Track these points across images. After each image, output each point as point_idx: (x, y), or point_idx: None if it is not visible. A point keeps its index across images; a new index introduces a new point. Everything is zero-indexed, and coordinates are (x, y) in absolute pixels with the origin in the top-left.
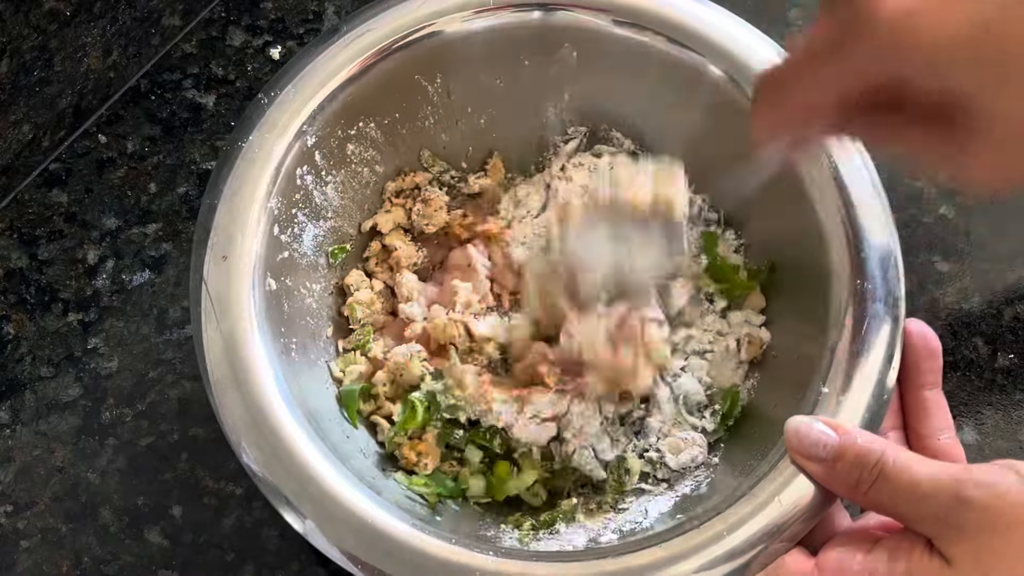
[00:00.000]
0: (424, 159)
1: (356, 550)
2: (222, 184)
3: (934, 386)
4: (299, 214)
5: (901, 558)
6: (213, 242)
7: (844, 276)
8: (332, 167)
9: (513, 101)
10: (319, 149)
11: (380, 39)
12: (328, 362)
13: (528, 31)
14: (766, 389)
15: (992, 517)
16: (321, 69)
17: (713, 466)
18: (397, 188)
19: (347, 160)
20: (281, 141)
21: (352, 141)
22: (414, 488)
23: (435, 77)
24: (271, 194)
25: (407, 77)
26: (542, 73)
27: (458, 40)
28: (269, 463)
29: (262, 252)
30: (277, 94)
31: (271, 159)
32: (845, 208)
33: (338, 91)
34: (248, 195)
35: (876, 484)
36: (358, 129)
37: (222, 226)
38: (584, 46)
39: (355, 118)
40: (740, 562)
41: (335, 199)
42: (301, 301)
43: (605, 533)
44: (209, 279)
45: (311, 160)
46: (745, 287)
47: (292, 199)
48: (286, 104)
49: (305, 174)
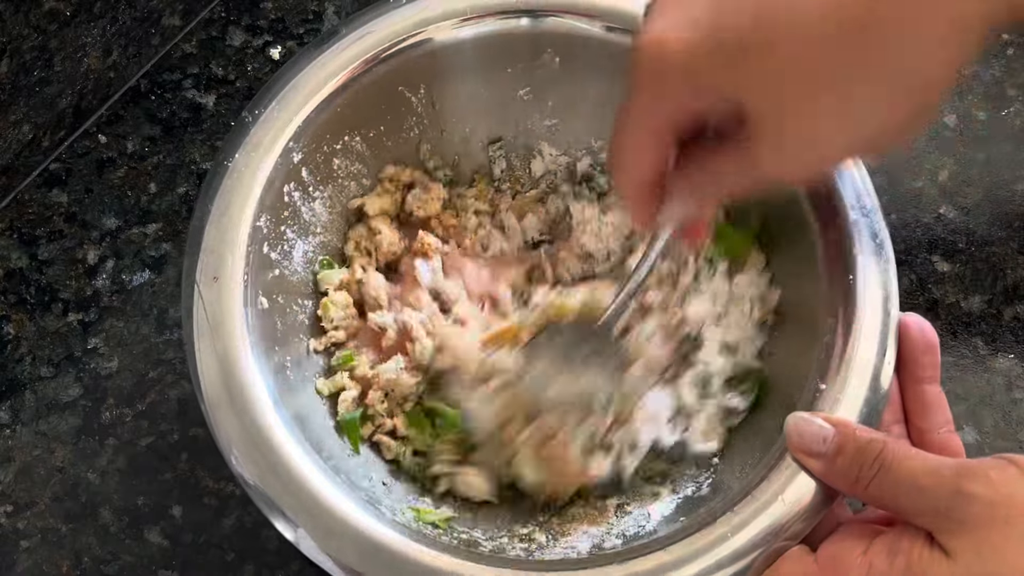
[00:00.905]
0: (423, 152)
1: (355, 563)
2: (210, 204)
3: (933, 380)
4: (288, 231)
5: (901, 551)
6: (203, 263)
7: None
8: (319, 183)
9: (497, 110)
10: (306, 165)
11: (363, 52)
12: (315, 375)
13: (514, 39)
14: (782, 351)
15: (992, 510)
16: (304, 85)
17: (714, 467)
18: (394, 176)
19: (334, 175)
20: (267, 159)
21: (338, 156)
22: (424, 520)
23: (419, 88)
24: (260, 213)
25: (391, 89)
26: (526, 80)
27: (442, 49)
28: (265, 478)
29: (252, 271)
30: (262, 112)
31: (257, 178)
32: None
33: (323, 106)
34: (236, 214)
35: (876, 478)
36: (343, 143)
37: (212, 246)
38: (569, 53)
39: (340, 132)
40: (744, 563)
41: (323, 214)
42: (294, 318)
43: (609, 538)
44: (201, 299)
45: (298, 177)
46: (742, 243)
47: (280, 216)
48: (271, 122)
49: (292, 191)
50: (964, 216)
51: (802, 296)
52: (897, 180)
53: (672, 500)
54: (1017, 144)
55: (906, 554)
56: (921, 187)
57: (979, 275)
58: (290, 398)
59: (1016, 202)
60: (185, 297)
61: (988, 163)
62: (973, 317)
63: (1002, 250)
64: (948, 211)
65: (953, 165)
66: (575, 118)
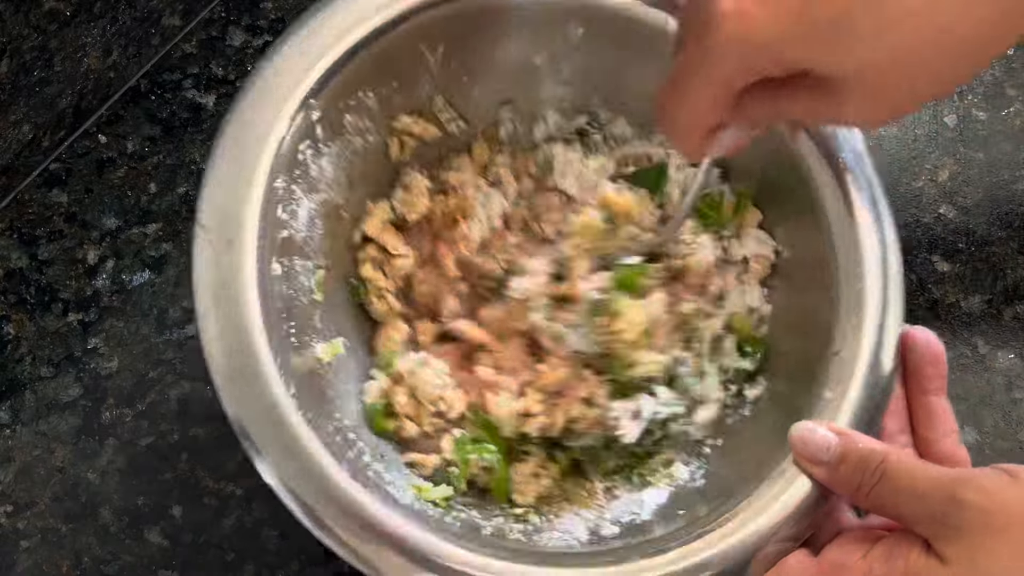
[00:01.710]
0: (436, 104)
1: (349, 538)
2: (223, 162)
3: (939, 392)
4: (297, 189)
5: (899, 557)
6: (215, 227)
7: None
8: (328, 138)
9: (511, 74)
10: (320, 123)
11: (387, 3)
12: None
13: (541, 5)
14: (787, 352)
15: (986, 518)
16: (327, 33)
17: (706, 456)
18: (406, 128)
19: (343, 131)
20: (283, 116)
21: (351, 112)
22: (424, 497)
23: (438, 47)
24: (274, 169)
25: (411, 46)
26: (544, 46)
27: (468, 10)
28: (280, 464)
29: (268, 234)
30: (280, 61)
31: (273, 133)
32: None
33: (344, 59)
34: (249, 175)
35: (877, 486)
36: (358, 100)
37: (225, 206)
38: (589, 23)
39: (356, 89)
40: (743, 564)
41: (329, 171)
42: (297, 280)
43: (604, 524)
44: (212, 265)
45: (312, 134)
46: (740, 202)
47: (293, 175)
48: (289, 74)
49: (306, 148)
50: (964, 216)
51: (811, 301)
52: (897, 180)
53: (665, 489)
54: (1017, 144)
55: (904, 559)
56: (921, 187)
57: (979, 275)
58: (298, 365)
59: (1016, 202)
60: (196, 255)
61: (988, 163)
62: (973, 317)
63: (1002, 250)
64: (948, 211)
65: (953, 165)
66: (586, 88)
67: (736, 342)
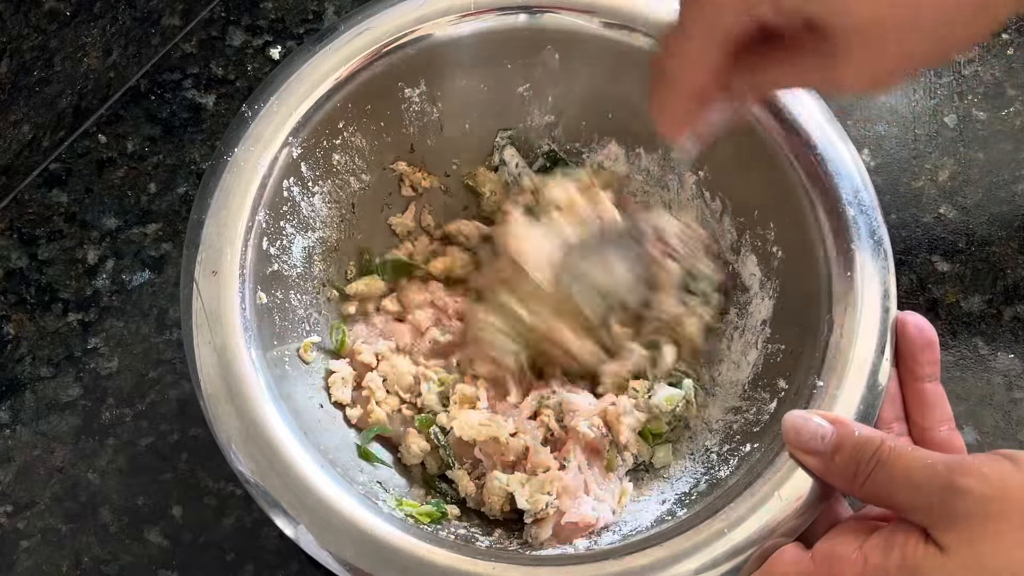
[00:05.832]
0: (422, 151)
1: (352, 557)
2: (209, 198)
3: (932, 378)
4: (287, 226)
5: (896, 546)
6: (202, 257)
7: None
8: (319, 177)
9: (497, 106)
10: (305, 160)
11: (362, 47)
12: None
13: (513, 35)
14: (782, 343)
15: (985, 505)
16: (304, 80)
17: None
18: (405, 174)
19: (333, 170)
20: (266, 154)
21: (338, 151)
22: (404, 509)
23: (418, 84)
24: (258, 207)
25: (390, 84)
26: (525, 76)
27: (442, 45)
28: (264, 473)
29: (251, 266)
30: (261, 107)
31: (257, 172)
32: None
33: (322, 101)
34: (235, 209)
35: (873, 475)
36: (343, 139)
37: (211, 241)
38: (568, 49)
39: (340, 128)
40: (741, 559)
41: (322, 209)
42: (292, 312)
43: (604, 533)
44: (200, 294)
45: (297, 171)
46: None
47: (280, 211)
48: (270, 117)
49: (292, 185)
50: (964, 216)
51: (802, 292)
52: (897, 180)
53: (669, 497)
54: (1017, 144)
55: (901, 548)
56: (921, 187)
57: (979, 275)
58: (288, 390)
59: (1016, 202)
60: (184, 291)
61: (988, 163)
62: (973, 317)
63: (1002, 250)
64: (948, 211)
65: (953, 165)
66: (574, 113)
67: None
